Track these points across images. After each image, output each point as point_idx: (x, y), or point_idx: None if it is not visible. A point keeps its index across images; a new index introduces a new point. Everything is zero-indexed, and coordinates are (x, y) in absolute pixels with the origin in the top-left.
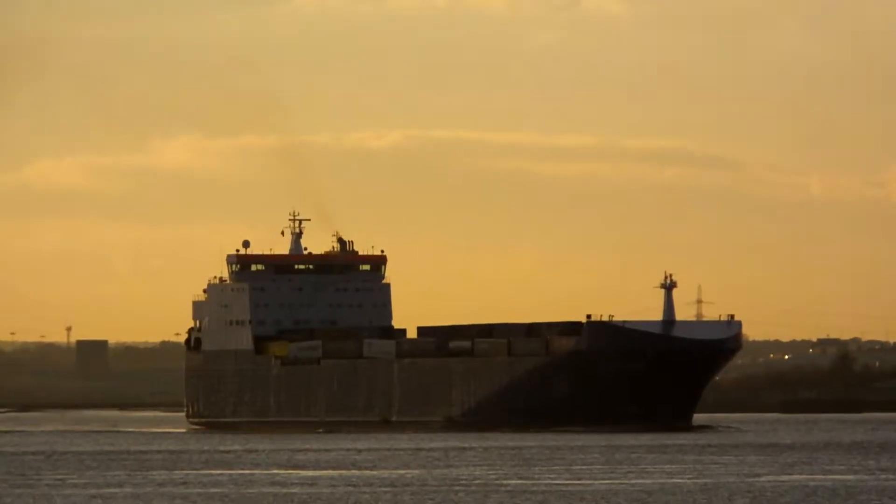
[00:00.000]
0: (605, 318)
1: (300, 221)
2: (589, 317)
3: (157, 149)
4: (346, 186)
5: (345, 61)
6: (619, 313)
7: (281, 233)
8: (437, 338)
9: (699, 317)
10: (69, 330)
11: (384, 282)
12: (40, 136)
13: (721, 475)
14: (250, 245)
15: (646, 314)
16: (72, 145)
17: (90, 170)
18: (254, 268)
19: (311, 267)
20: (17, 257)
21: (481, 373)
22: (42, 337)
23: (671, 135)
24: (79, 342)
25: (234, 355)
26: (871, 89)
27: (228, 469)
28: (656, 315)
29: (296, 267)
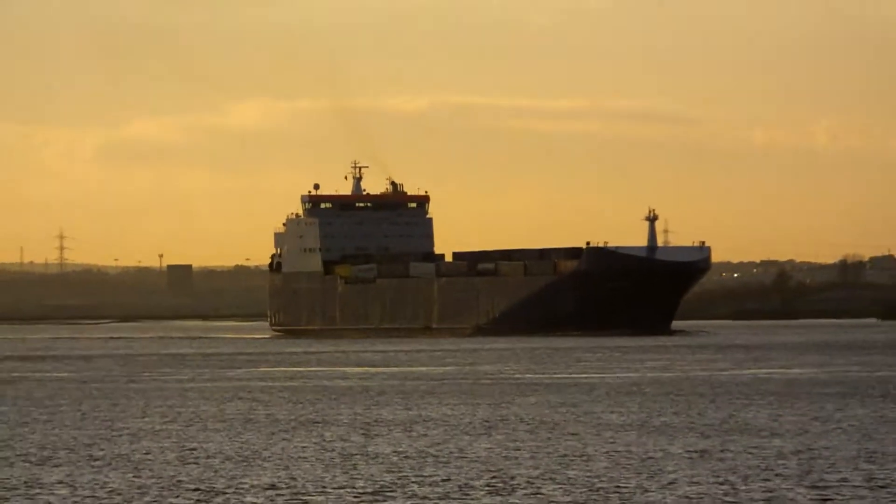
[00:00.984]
0: (601, 245)
1: (360, 168)
2: (588, 244)
3: (231, 110)
4: (391, 140)
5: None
6: (612, 240)
7: (345, 177)
8: (468, 261)
9: (667, 244)
10: (161, 256)
11: (427, 217)
12: (139, 100)
13: (691, 370)
14: (320, 187)
15: (633, 241)
16: (163, 107)
17: (178, 127)
18: (323, 206)
19: (368, 205)
20: (118, 198)
21: (502, 289)
22: (139, 262)
23: (646, 98)
24: (169, 266)
25: (307, 276)
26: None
27: (303, 367)
28: (641, 242)
29: (357, 205)
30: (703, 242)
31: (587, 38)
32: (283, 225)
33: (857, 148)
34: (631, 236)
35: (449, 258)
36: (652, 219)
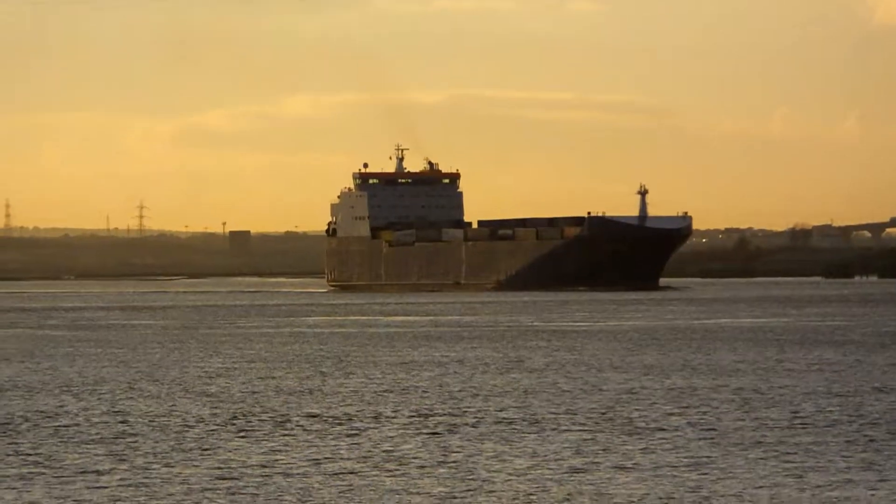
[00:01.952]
0: (600, 214)
1: (402, 150)
2: (589, 213)
3: (284, 102)
4: (424, 126)
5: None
6: (609, 211)
7: (389, 157)
8: (490, 228)
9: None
10: (224, 224)
11: (458, 191)
12: (207, 93)
13: (673, 319)
14: (368, 166)
15: (625, 211)
16: (227, 100)
17: (239, 116)
18: (371, 181)
19: (409, 181)
20: (189, 175)
21: (518, 251)
22: (205, 228)
23: (624, 93)
24: (231, 232)
25: (357, 240)
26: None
27: (355, 315)
28: (633, 212)
29: (399, 181)
30: (685, 212)
31: (573, 40)
32: (338, 197)
33: (807, 135)
34: (623, 208)
35: (475, 225)
36: (643, 192)
